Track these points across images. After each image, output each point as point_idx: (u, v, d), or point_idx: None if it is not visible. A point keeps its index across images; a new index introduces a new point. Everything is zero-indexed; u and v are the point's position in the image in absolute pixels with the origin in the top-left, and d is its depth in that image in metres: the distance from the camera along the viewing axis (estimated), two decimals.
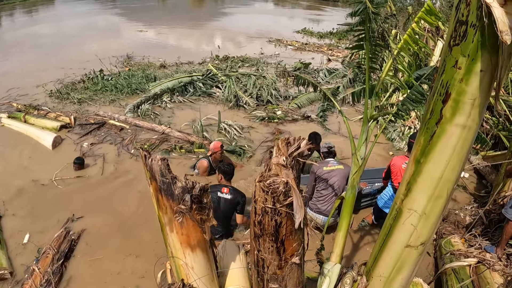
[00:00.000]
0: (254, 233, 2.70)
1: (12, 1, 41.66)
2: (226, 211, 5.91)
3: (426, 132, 2.37)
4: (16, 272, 5.36)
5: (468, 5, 1.95)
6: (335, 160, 6.21)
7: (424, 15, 3.66)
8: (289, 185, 2.37)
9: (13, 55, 17.87)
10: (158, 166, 2.87)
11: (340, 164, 6.07)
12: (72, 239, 5.87)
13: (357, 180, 3.81)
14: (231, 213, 6.04)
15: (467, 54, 2.02)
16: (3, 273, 5.25)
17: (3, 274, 5.25)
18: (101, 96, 12.27)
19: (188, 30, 26.60)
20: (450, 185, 2.42)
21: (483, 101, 2.12)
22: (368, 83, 3.75)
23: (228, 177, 6.11)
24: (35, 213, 6.63)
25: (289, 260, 2.74)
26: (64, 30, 25.23)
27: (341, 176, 5.91)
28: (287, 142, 2.60)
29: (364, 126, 3.77)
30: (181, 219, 2.90)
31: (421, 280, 4.18)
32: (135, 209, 6.77)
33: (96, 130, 9.87)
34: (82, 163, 7.89)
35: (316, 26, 30.01)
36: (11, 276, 5.28)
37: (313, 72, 15.94)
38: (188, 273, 3.11)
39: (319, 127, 10.65)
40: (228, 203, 5.88)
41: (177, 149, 8.84)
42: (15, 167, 8.07)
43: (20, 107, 11.06)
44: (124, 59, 17.07)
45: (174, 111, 11.38)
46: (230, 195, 5.87)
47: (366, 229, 6.37)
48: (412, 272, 2.88)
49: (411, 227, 2.61)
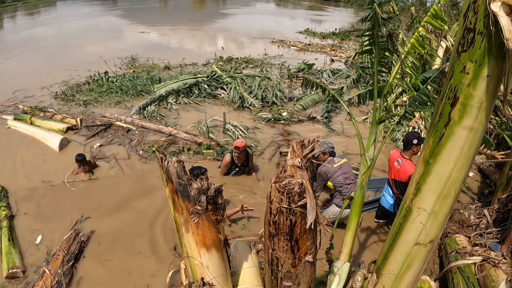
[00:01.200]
0: (269, 232, 2.79)
1: (14, 3, 41.81)
2: None
3: (435, 134, 2.45)
4: (28, 272, 5.47)
5: (475, 13, 2.04)
6: (336, 157, 6.63)
7: (430, 20, 3.75)
8: (303, 186, 2.46)
9: (17, 56, 18.01)
10: (175, 168, 2.95)
11: (343, 159, 6.53)
12: (82, 241, 5.97)
13: (366, 180, 3.89)
14: None
15: (475, 60, 2.10)
16: (15, 272, 5.37)
17: (15, 273, 5.37)
18: (107, 98, 12.38)
19: (191, 32, 26.67)
20: (458, 185, 2.51)
21: (490, 105, 2.21)
22: (376, 86, 3.84)
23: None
24: (47, 213, 6.74)
25: (302, 259, 2.83)
26: (67, 31, 25.33)
27: (349, 168, 6.43)
28: (301, 144, 2.69)
29: (372, 127, 3.85)
30: (197, 219, 2.99)
31: (428, 278, 4.26)
32: (144, 209, 6.85)
33: (103, 131, 9.95)
34: (84, 160, 7.84)
35: (318, 27, 30.05)
36: (23, 274, 5.41)
37: (316, 73, 15.99)
38: (204, 273, 3.20)
39: (324, 128, 10.73)
40: None
41: (185, 151, 8.92)
42: (23, 168, 8.18)
43: (26, 109, 11.15)
44: (128, 60, 17.16)
45: (180, 113, 11.47)
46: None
47: (372, 229, 6.45)
48: (421, 269, 2.96)
49: (420, 225, 2.70)
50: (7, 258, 5.51)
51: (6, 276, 5.32)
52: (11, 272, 5.33)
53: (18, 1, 42.75)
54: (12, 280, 5.35)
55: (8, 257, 5.53)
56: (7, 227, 6.16)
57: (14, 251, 5.67)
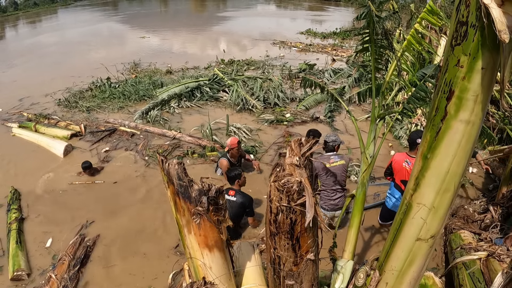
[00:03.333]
0: (270, 231, 2.80)
1: (15, 12, 42.10)
2: (235, 213, 6.04)
3: (432, 128, 2.45)
4: (34, 276, 5.55)
5: (467, 6, 2.04)
6: (336, 155, 6.03)
7: (426, 16, 3.75)
8: (302, 184, 2.47)
9: (21, 64, 18.19)
10: (175, 170, 2.97)
11: (341, 159, 5.97)
12: (87, 245, 6.01)
13: (367, 178, 3.89)
14: (240, 215, 6.17)
15: (469, 53, 2.10)
16: (20, 274, 5.47)
17: (20, 275, 5.47)
18: (110, 104, 12.46)
19: (192, 35, 26.76)
20: (457, 179, 2.50)
21: (486, 97, 2.20)
22: (374, 83, 3.84)
23: (231, 181, 6.22)
24: (56, 217, 6.85)
25: (304, 257, 2.83)
26: (70, 38, 25.51)
27: (342, 170, 5.93)
28: (299, 143, 2.70)
29: (372, 125, 3.85)
30: (199, 220, 3.00)
31: (432, 274, 4.24)
32: (150, 213, 6.91)
33: (108, 137, 10.03)
34: (90, 166, 8.01)
35: (319, 27, 30.06)
36: (28, 277, 5.49)
37: (318, 73, 15.98)
38: (207, 273, 3.21)
39: (328, 128, 10.73)
40: (236, 206, 6.02)
41: (189, 154, 8.96)
42: (30, 174, 8.27)
43: (30, 117, 11.25)
44: (130, 65, 17.25)
45: (183, 116, 11.52)
46: (236, 197, 6.02)
47: (376, 227, 6.45)
48: (423, 265, 2.95)
49: (421, 220, 2.69)
50: (13, 260, 5.62)
51: (11, 278, 5.43)
52: (16, 275, 5.43)
53: (20, 10, 43.03)
54: (17, 282, 5.44)
55: (14, 259, 5.63)
56: (16, 230, 6.26)
57: (21, 253, 5.78)
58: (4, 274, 5.59)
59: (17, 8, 45.03)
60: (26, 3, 48.20)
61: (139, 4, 50.24)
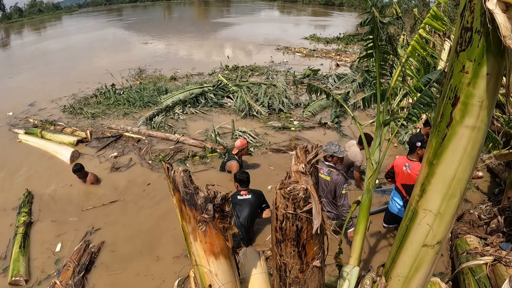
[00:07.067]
0: (276, 238, 2.79)
1: (20, 19, 42.42)
2: (253, 210, 6.08)
3: (437, 134, 2.45)
4: (32, 284, 5.53)
5: (472, 12, 2.05)
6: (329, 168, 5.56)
7: (430, 21, 3.75)
8: (308, 191, 2.46)
9: (28, 71, 18.33)
10: (181, 177, 2.97)
11: (328, 176, 5.51)
12: (92, 252, 6.01)
13: (372, 183, 3.88)
14: (256, 212, 6.19)
15: (473, 59, 2.10)
16: (18, 280, 5.46)
17: (18, 281, 5.46)
18: (114, 110, 12.50)
19: (196, 42, 26.92)
20: (463, 185, 2.50)
21: (491, 103, 2.20)
22: (379, 89, 3.84)
23: (244, 185, 6.23)
24: (65, 222, 6.86)
25: (310, 264, 2.83)
26: (75, 44, 25.70)
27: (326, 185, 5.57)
28: (305, 150, 2.70)
29: (377, 131, 3.85)
30: (204, 228, 2.99)
31: (438, 280, 4.22)
32: (155, 219, 6.91)
33: (114, 143, 10.06)
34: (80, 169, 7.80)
35: (323, 32, 30.13)
36: (25, 283, 5.48)
37: (322, 78, 15.98)
38: (212, 280, 3.20)
39: (336, 133, 10.71)
40: (253, 202, 6.08)
41: (191, 157, 9.01)
42: (38, 180, 8.33)
43: (36, 123, 11.33)
44: (136, 72, 17.33)
45: (187, 123, 11.53)
46: (250, 195, 6.09)
47: (382, 233, 6.42)
48: (430, 271, 2.94)
49: (427, 227, 2.68)
50: (13, 265, 5.63)
51: (9, 282, 5.44)
52: (13, 280, 5.44)
53: (24, 16, 43.36)
54: (15, 287, 5.44)
55: (15, 264, 5.64)
56: (21, 234, 6.28)
57: (22, 259, 5.78)
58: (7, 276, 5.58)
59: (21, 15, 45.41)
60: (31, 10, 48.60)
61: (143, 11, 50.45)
